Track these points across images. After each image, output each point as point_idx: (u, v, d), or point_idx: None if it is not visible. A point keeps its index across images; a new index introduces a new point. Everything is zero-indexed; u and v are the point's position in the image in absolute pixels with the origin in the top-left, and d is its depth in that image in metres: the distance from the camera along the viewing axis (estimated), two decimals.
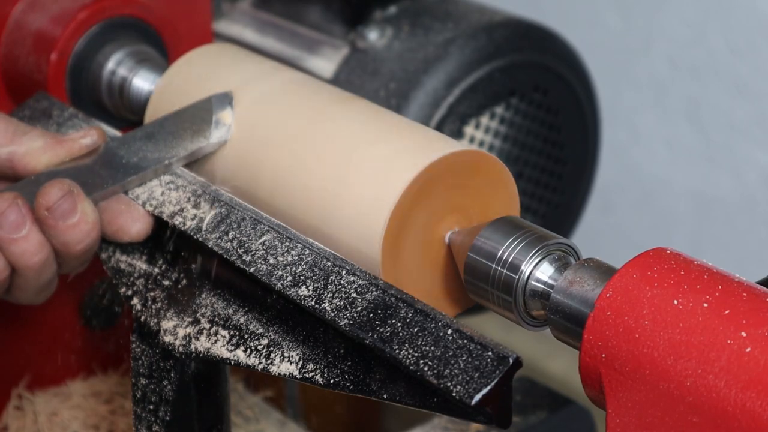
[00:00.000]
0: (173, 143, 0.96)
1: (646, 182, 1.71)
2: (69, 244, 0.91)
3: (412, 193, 0.84)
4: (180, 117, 0.97)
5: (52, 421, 1.17)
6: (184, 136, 0.96)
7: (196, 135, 0.95)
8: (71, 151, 0.96)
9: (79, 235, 0.90)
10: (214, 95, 0.97)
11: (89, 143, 0.96)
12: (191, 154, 0.95)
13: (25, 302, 0.95)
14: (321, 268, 0.83)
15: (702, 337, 0.69)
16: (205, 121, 0.95)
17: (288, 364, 0.83)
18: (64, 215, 0.90)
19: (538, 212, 1.24)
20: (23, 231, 0.89)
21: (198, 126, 0.96)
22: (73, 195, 0.90)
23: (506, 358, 0.73)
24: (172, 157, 0.95)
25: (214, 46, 1.06)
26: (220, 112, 0.95)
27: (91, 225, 0.91)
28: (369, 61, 1.19)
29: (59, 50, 1.07)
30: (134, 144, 0.96)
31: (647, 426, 0.71)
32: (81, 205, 0.90)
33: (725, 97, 1.59)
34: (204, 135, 0.95)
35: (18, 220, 0.89)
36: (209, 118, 0.95)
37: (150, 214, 0.93)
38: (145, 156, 0.95)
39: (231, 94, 0.97)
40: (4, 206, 0.89)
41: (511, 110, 1.19)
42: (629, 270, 0.74)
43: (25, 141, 0.96)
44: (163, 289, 0.91)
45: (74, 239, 0.90)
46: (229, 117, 0.95)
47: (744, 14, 1.54)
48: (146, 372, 0.90)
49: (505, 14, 1.22)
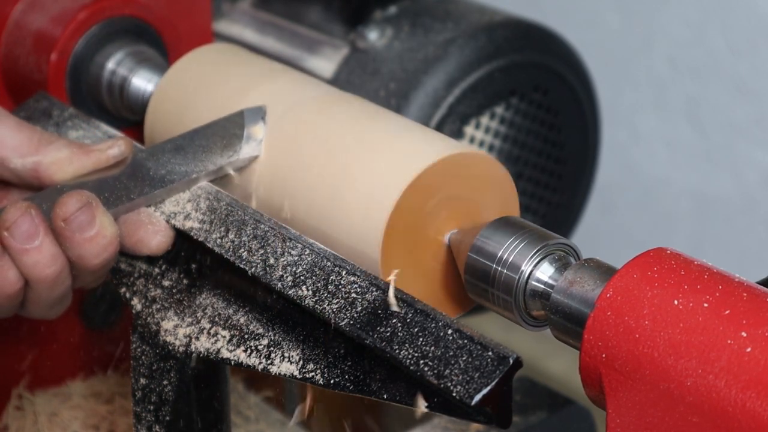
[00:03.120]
0: (202, 157, 0.93)
1: (646, 182, 1.70)
2: (85, 258, 0.88)
3: (413, 193, 0.84)
4: (210, 130, 0.95)
5: (52, 421, 1.17)
6: (213, 150, 0.93)
7: (226, 149, 0.93)
8: (98, 162, 0.93)
9: (96, 248, 0.88)
10: (246, 109, 0.94)
11: (117, 154, 0.93)
12: (220, 169, 0.93)
13: (38, 317, 0.93)
14: (321, 269, 0.83)
15: (702, 337, 0.69)
16: (236, 136, 0.93)
17: (288, 364, 0.83)
18: (81, 227, 0.87)
19: (538, 212, 1.24)
20: (36, 242, 0.87)
21: (228, 140, 0.93)
22: (92, 207, 0.88)
23: (506, 358, 0.73)
24: (201, 171, 0.92)
25: (214, 46, 1.06)
26: (252, 127, 0.93)
27: (108, 239, 0.88)
28: (369, 61, 1.19)
29: (59, 50, 1.07)
30: (163, 156, 0.94)
31: (647, 426, 0.71)
32: (99, 218, 0.88)
33: (725, 97, 1.59)
34: (234, 149, 0.93)
35: (30, 230, 0.87)
36: (240, 133, 0.93)
37: (171, 227, 0.91)
38: (173, 169, 0.93)
39: (264, 108, 0.94)
40: (17, 215, 0.87)
41: (511, 110, 1.19)
42: (629, 270, 0.74)
43: (50, 151, 0.93)
44: (163, 289, 0.91)
45: (91, 253, 0.88)
46: (261, 132, 0.93)
47: (744, 14, 1.54)
48: (146, 372, 0.90)
49: (505, 14, 1.22)
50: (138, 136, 1.05)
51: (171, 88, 1.02)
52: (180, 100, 1.01)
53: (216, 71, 1.01)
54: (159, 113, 1.02)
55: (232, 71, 1.00)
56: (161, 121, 1.02)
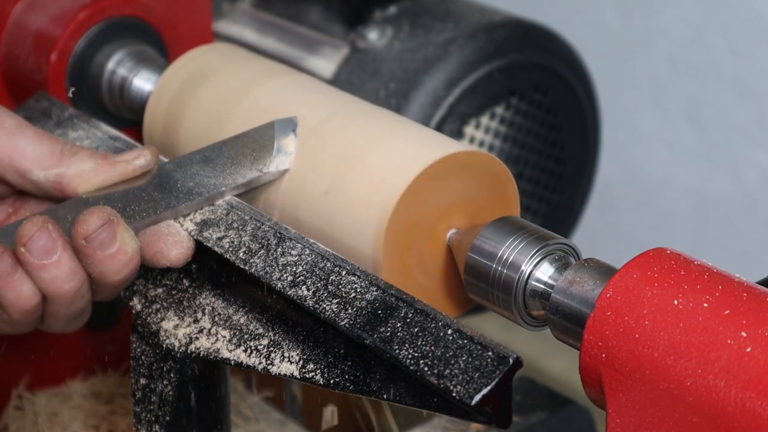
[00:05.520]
0: (231, 169, 0.91)
1: (646, 182, 1.71)
2: (106, 274, 0.86)
3: (413, 193, 0.84)
4: (240, 142, 0.93)
5: (52, 421, 1.17)
6: (243, 162, 0.91)
7: (255, 162, 0.91)
8: (125, 174, 0.91)
9: (118, 265, 0.86)
10: (276, 120, 0.92)
11: (143, 164, 0.91)
12: (249, 182, 0.90)
13: (57, 331, 0.91)
14: (321, 268, 0.83)
15: (702, 337, 0.69)
16: (266, 148, 0.91)
17: (288, 364, 0.83)
18: (102, 245, 0.85)
19: (538, 212, 1.24)
20: (54, 257, 0.85)
21: (258, 152, 0.91)
22: (113, 224, 0.85)
23: (506, 358, 0.73)
24: (229, 184, 0.90)
25: (214, 46, 1.06)
26: (283, 139, 0.91)
27: (129, 255, 0.86)
28: (369, 61, 1.19)
29: (59, 50, 1.07)
30: (191, 167, 0.91)
31: (647, 426, 0.71)
32: (120, 234, 0.85)
33: (725, 97, 1.59)
34: (264, 162, 0.90)
35: (48, 245, 0.84)
36: (270, 145, 0.91)
37: (192, 239, 0.89)
38: (201, 181, 0.90)
39: (295, 119, 0.92)
40: (33, 230, 0.84)
41: (511, 110, 1.19)
42: (629, 270, 0.74)
43: (74, 162, 0.91)
44: (163, 289, 0.91)
45: (112, 270, 0.86)
46: (292, 144, 0.91)
47: (744, 14, 1.54)
48: (146, 372, 0.90)
49: (505, 14, 1.22)
50: (138, 136, 1.05)
51: (170, 88, 1.02)
52: (179, 100, 1.01)
53: (216, 71, 1.01)
54: (158, 113, 1.02)
55: (232, 71, 1.00)
56: (160, 121, 1.02)
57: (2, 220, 0.94)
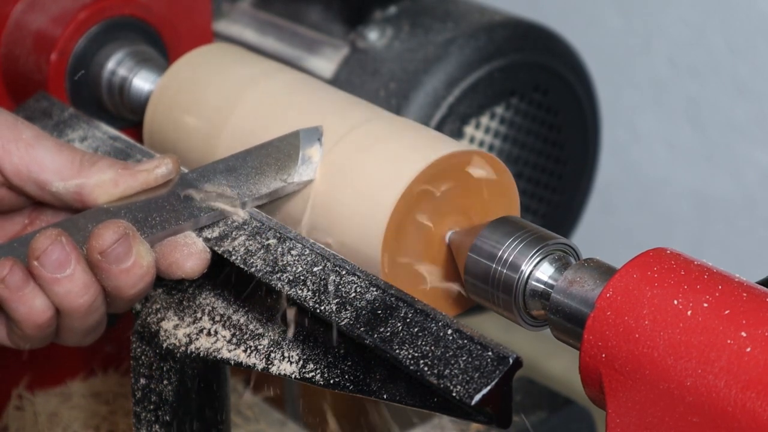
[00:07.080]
0: (255, 179, 0.89)
1: (646, 182, 1.70)
2: (121, 288, 0.85)
3: (413, 193, 0.84)
4: (264, 151, 0.91)
5: (52, 421, 1.17)
6: (267, 172, 0.90)
7: (280, 172, 0.89)
8: (146, 183, 0.89)
9: (133, 279, 0.85)
10: (302, 129, 0.91)
11: (165, 173, 0.89)
12: (273, 192, 0.89)
13: (73, 344, 0.90)
14: (321, 268, 0.83)
15: (702, 337, 0.69)
16: (291, 158, 0.89)
17: (288, 364, 0.83)
18: (118, 259, 0.83)
19: (538, 212, 1.24)
20: (67, 270, 0.83)
21: (283, 162, 0.89)
22: (128, 238, 0.84)
23: (506, 358, 0.73)
24: (253, 194, 0.89)
25: (214, 46, 1.06)
26: (308, 148, 0.89)
27: (145, 269, 0.85)
28: (369, 61, 1.19)
29: (59, 50, 1.07)
30: (214, 177, 0.90)
31: (647, 426, 0.71)
32: (136, 248, 0.84)
33: (725, 97, 1.59)
34: (289, 172, 0.89)
35: (61, 259, 0.83)
36: (296, 155, 0.89)
37: (208, 250, 0.87)
38: (225, 191, 0.89)
39: (321, 128, 0.90)
40: (47, 243, 0.83)
41: (511, 110, 1.19)
42: (629, 270, 0.74)
43: (94, 173, 0.89)
44: (163, 289, 0.91)
45: (127, 284, 0.85)
46: (318, 154, 0.89)
47: (744, 14, 1.54)
48: (146, 372, 0.90)
49: (505, 14, 1.22)
50: (138, 136, 1.05)
51: (170, 88, 1.02)
52: (179, 100, 1.01)
53: (216, 71, 1.01)
54: (158, 113, 1.02)
55: (232, 71, 1.00)
56: (160, 121, 1.02)
57: (19, 231, 0.93)
